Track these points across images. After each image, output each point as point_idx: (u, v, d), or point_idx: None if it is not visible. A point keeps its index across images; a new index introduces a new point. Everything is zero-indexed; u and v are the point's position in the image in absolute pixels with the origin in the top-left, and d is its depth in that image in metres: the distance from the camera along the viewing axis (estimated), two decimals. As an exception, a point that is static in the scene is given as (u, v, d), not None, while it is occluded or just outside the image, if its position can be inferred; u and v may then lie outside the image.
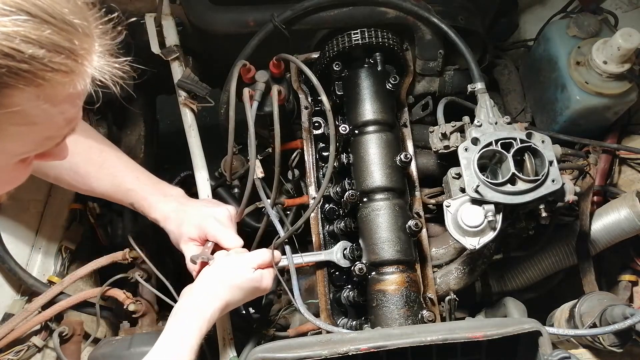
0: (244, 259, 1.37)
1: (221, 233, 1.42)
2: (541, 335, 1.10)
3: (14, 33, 0.68)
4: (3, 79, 0.69)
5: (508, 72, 1.98)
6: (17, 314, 1.57)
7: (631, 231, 1.64)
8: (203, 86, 1.68)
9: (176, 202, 1.46)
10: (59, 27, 0.73)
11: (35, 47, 0.70)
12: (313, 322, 1.37)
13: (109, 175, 1.44)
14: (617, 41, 1.56)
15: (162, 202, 1.45)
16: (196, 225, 1.42)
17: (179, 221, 1.43)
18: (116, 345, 1.53)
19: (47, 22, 0.71)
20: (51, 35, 0.72)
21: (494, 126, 1.46)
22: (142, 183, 1.46)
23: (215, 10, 1.73)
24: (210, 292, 1.30)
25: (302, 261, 1.52)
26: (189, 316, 1.26)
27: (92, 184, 1.43)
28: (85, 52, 0.78)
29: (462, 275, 1.58)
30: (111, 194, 1.47)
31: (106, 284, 1.63)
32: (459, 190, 1.43)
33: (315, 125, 1.71)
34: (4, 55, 0.68)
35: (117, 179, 1.44)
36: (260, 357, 1.09)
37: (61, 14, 0.73)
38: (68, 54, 0.74)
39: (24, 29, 0.69)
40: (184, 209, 1.44)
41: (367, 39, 1.60)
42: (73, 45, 0.75)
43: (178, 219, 1.43)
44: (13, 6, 0.68)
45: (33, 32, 0.70)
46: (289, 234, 1.50)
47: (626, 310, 1.31)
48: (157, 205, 1.45)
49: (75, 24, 0.75)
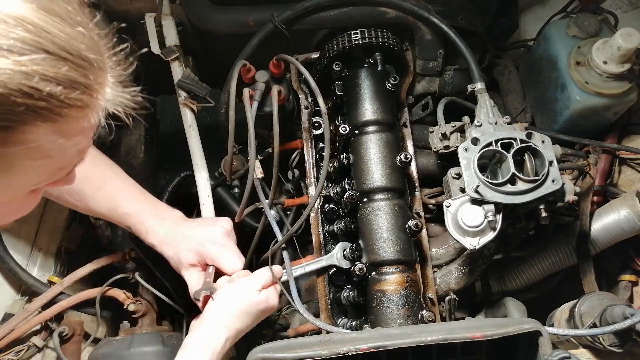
0: (247, 284, 1.37)
1: (220, 257, 1.41)
2: (541, 335, 1.10)
3: (33, 72, 0.68)
4: (21, 117, 0.69)
5: (508, 72, 1.98)
6: (17, 314, 1.57)
7: (631, 231, 1.64)
8: (203, 86, 1.68)
9: (173, 226, 1.45)
10: (76, 64, 0.73)
11: (53, 85, 0.70)
12: (313, 323, 1.38)
13: (106, 198, 1.43)
14: (617, 41, 1.56)
15: (159, 226, 1.44)
16: (194, 250, 1.42)
17: (176, 247, 1.42)
18: (116, 345, 1.53)
19: (64, 59, 0.71)
20: (68, 72, 0.72)
21: (494, 126, 1.46)
22: (139, 206, 1.46)
23: (215, 10, 1.73)
24: (220, 324, 1.30)
25: (304, 271, 1.51)
26: (200, 351, 1.25)
27: (89, 204, 1.43)
28: (99, 86, 0.78)
29: (462, 275, 1.58)
30: (108, 216, 1.47)
31: (106, 284, 1.63)
32: (459, 190, 1.43)
33: (315, 125, 1.71)
34: (23, 94, 0.67)
35: (114, 202, 1.44)
36: (260, 357, 1.08)
37: (78, 50, 0.73)
38: (84, 90, 0.75)
39: (43, 67, 0.69)
40: (181, 233, 1.44)
41: (367, 39, 1.60)
42: (88, 81, 0.75)
43: (175, 245, 1.43)
44: (32, 44, 0.68)
45: (51, 70, 0.69)
46: (286, 238, 1.50)
47: (626, 310, 1.31)
48: (153, 229, 1.44)
49: (91, 59, 0.75)
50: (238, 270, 1.42)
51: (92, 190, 1.42)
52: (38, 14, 0.69)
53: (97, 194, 1.42)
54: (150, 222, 1.44)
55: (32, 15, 0.68)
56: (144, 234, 1.45)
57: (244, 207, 1.56)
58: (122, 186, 1.47)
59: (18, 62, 0.66)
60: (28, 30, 0.67)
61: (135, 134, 2.05)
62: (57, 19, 0.71)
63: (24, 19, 0.68)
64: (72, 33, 0.73)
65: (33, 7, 0.69)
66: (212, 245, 1.42)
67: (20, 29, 0.67)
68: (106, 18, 1.76)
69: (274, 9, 1.67)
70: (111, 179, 1.45)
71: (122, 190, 1.46)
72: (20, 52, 0.67)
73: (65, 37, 0.71)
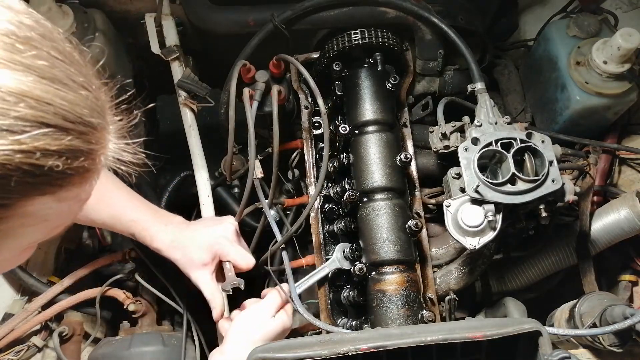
0: (262, 312, 1.38)
1: (235, 254, 1.43)
2: (541, 335, 1.10)
3: (34, 149, 0.63)
4: (20, 193, 0.66)
5: (508, 72, 1.98)
6: (17, 314, 1.57)
7: (631, 231, 1.64)
8: (203, 86, 1.68)
9: (178, 230, 1.45)
10: (78, 131, 0.68)
11: (54, 158, 0.66)
12: (313, 322, 1.37)
13: (107, 207, 1.42)
14: (617, 41, 1.56)
15: (164, 231, 1.44)
16: (208, 248, 1.42)
17: (184, 248, 1.42)
18: (116, 345, 1.53)
19: (67, 130, 0.67)
20: (71, 142, 0.67)
21: (494, 126, 1.46)
22: (142, 213, 1.45)
23: (215, 10, 1.73)
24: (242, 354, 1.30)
25: (308, 284, 1.50)
26: None
27: (90, 215, 1.41)
28: (102, 148, 0.74)
29: (462, 275, 1.58)
30: (111, 225, 1.46)
31: (106, 284, 1.63)
32: (459, 190, 1.43)
33: (315, 125, 1.71)
34: (23, 173, 0.64)
35: (116, 211, 1.43)
36: (260, 357, 1.08)
37: (81, 116, 0.69)
38: (87, 156, 0.71)
39: (44, 142, 0.64)
40: (188, 235, 1.44)
41: (367, 39, 1.60)
42: (91, 146, 0.71)
43: (183, 246, 1.43)
44: (34, 120, 0.63)
45: (53, 144, 0.65)
46: (286, 238, 1.50)
47: (626, 310, 1.31)
48: (158, 235, 1.43)
49: (94, 123, 0.71)
50: (252, 265, 1.45)
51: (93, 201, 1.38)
52: (39, 85, 0.65)
53: (98, 205, 1.40)
54: (155, 228, 1.44)
55: (32, 88, 0.64)
56: (148, 240, 1.44)
57: (244, 207, 1.56)
58: (123, 195, 1.46)
59: (17, 141, 0.62)
60: (29, 106, 0.63)
61: (135, 134, 2.04)
62: (59, 86, 0.67)
63: (24, 93, 0.63)
64: (75, 99, 0.68)
65: (34, 79, 0.64)
66: (226, 242, 1.44)
67: (21, 105, 0.62)
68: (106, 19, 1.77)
69: (274, 9, 1.67)
70: (111, 190, 1.44)
71: (123, 199, 1.46)
72: (21, 131, 0.62)
73: (68, 105, 0.67)
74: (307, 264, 1.59)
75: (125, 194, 1.47)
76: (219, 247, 1.43)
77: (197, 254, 1.42)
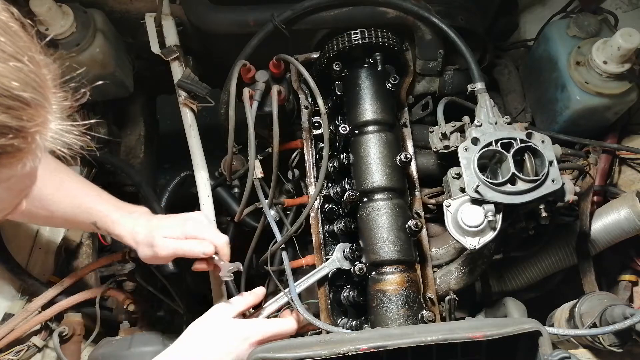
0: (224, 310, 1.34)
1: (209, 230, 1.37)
2: (541, 335, 1.10)
3: None
4: None
5: (508, 72, 1.98)
6: (17, 314, 1.57)
7: (631, 231, 1.64)
8: (203, 86, 1.68)
9: (142, 217, 1.39)
10: (5, 106, 0.63)
11: None
12: (313, 322, 1.37)
13: (68, 196, 1.36)
14: (617, 41, 1.56)
15: (127, 217, 1.38)
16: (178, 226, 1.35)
17: (150, 233, 1.35)
18: (116, 345, 1.53)
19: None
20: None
21: (494, 126, 1.45)
22: (104, 201, 1.40)
23: (215, 10, 1.73)
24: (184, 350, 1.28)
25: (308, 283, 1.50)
26: None
27: (50, 207, 1.34)
28: (37, 126, 0.67)
29: (462, 275, 1.58)
30: (71, 215, 1.37)
31: (106, 284, 1.64)
32: (459, 190, 1.43)
33: (315, 125, 1.70)
34: None
35: (77, 199, 1.36)
36: (260, 357, 1.08)
37: (8, 89, 0.63)
38: (16, 133, 0.64)
39: None
40: (154, 223, 1.37)
41: (367, 39, 1.60)
42: (21, 123, 0.65)
43: (148, 231, 1.35)
44: None
45: None
46: (285, 239, 1.50)
47: (626, 310, 1.31)
48: (121, 220, 1.37)
49: (26, 98, 0.65)
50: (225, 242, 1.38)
51: (52, 190, 1.33)
52: None
53: (57, 193, 1.34)
54: (118, 213, 1.38)
55: None
56: (110, 225, 1.37)
57: (244, 207, 1.56)
58: (84, 185, 1.42)
59: None
60: None
61: (135, 134, 2.05)
62: None
63: None
64: (3, 69, 0.63)
65: None
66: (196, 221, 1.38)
67: None
68: (106, 19, 1.77)
69: (274, 9, 1.67)
70: (72, 179, 1.40)
71: (83, 188, 1.41)
72: None
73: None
74: (307, 264, 1.59)
75: (86, 184, 1.42)
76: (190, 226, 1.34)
77: (164, 231, 1.33)
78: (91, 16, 1.69)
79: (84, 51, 1.67)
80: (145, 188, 1.78)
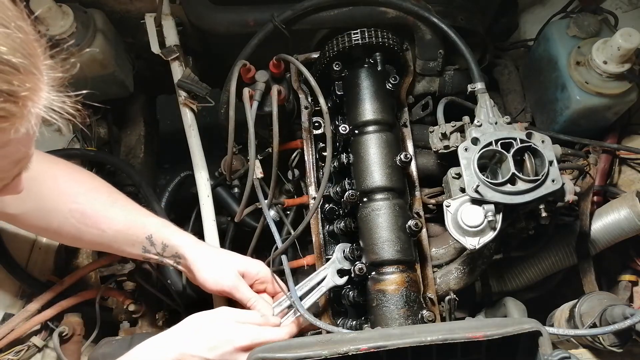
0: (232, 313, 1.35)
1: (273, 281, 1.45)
2: (541, 335, 1.10)
3: None
4: None
5: (508, 72, 1.98)
6: (17, 314, 1.57)
7: (631, 231, 1.64)
8: (203, 86, 1.69)
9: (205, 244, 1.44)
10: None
11: None
12: (313, 322, 1.37)
13: (122, 211, 1.37)
14: (617, 41, 1.56)
15: (187, 234, 1.42)
16: (245, 265, 1.41)
17: (220, 256, 1.41)
18: (116, 345, 1.53)
19: None
20: None
21: (494, 126, 1.46)
22: (159, 217, 1.43)
23: (215, 10, 1.73)
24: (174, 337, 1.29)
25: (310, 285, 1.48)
26: None
27: (101, 224, 1.35)
28: (28, 92, 0.69)
29: (462, 275, 1.58)
30: (123, 231, 1.37)
31: (106, 284, 1.64)
32: (459, 190, 1.43)
33: (315, 125, 1.70)
34: None
35: (131, 214, 1.38)
36: (260, 357, 1.08)
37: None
38: (6, 97, 0.66)
39: None
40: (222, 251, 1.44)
41: (367, 38, 1.60)
42: (12, 87, 0.66)
43: (217, 254, 1.42)
44: None
45: None
46: (286, 245, 1.49)
47: (626, 310, 1.31)
48: (181, 231, 1.41)
49: (15, 63, 0.67)
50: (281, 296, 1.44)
51: (105, 207, 1.36)
52: None
53: (110, 209, 1.36)
54: (175, 227, 1.42)
55: None
56: (168, 236, 1.39)
57: (244, 207, 1.56)
58: (134, 203, 1.44)
59: None
60: None
61: (135, 134, 2.05)
62: None
63: None
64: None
65: None
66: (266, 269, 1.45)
67: None
68: (106, 19, 1.77)
69: (274, 9, 1.67)
70: (124, 198, 1.42)
71: (135, 205, 1.43)
72: None
73: None
74: (307, 264, 1.59)
75: (135, 203, 1.44)
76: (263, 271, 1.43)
77: (237, 263, 1.40)
78: (91, 16, 1.69)
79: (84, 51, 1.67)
80: (145, 188, 1.78)
